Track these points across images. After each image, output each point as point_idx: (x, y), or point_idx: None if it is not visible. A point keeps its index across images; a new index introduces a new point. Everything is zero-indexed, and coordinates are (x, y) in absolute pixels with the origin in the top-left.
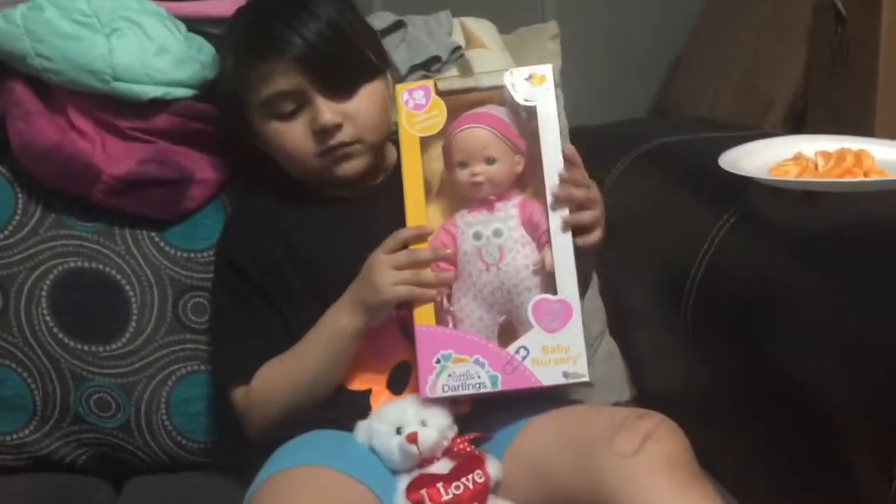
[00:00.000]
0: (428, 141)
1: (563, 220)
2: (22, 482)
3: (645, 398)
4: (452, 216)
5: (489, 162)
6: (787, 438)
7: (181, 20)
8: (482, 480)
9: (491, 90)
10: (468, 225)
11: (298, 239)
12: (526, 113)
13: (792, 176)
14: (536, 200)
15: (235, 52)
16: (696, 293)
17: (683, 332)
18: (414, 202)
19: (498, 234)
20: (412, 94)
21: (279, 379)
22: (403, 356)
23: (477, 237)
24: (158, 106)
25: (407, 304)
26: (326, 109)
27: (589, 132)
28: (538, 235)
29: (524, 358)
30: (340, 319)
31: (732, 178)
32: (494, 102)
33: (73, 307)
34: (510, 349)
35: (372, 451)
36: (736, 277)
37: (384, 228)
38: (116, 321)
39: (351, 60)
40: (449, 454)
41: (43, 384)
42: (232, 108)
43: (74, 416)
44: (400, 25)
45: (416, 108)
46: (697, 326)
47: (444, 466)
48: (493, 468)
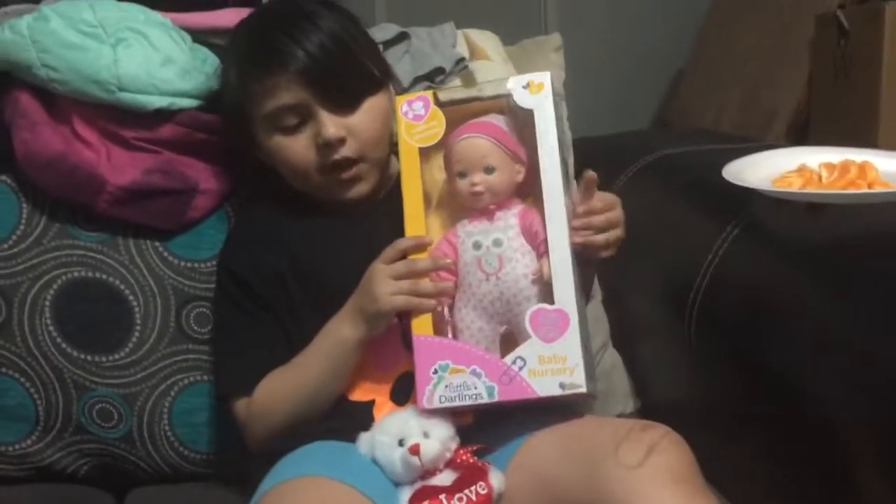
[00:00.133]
0: (429, 151)
1: (569, 236)
2: (24, 493)
3: (648, 410)
4: (454, 226)
5: (488, 171)
6: (790, 450)
7: (186, 31)
8: (485, 492)
9: (491, 100)
10: (468, 235)
11: (300, 250)
12: (525, 121)
13: (796, 187)
14: (537, 209)
15: (238, 64)
16: (699, 305)
17: (687, 343)
18: (413, 212)
19: (498, 243)
20: (411, 104)
21: (281, 390)
22: (406, 367)
23: (477, 247)
24: (163, 116)
25: (407, 314)
26: (330, 123)
27: (592, 144)
28: (537, 244)
29: (521, 368)
30: (341, 330)
31: (736, 189)
32: (495, 112)
33: (76, 317)
34: (507, 359)
35: (374, 462)
36: (740, 289)
37: (386, 240)
38: (119, 331)
39: (354, 74)
40: (452, 466)
41: (46, 394)
42: (235, 120)
43: (77, 426)
44: (404, 37)
45: (415, 118)
46: (701, 338)
47: (446, 478)
48: (496, 480)
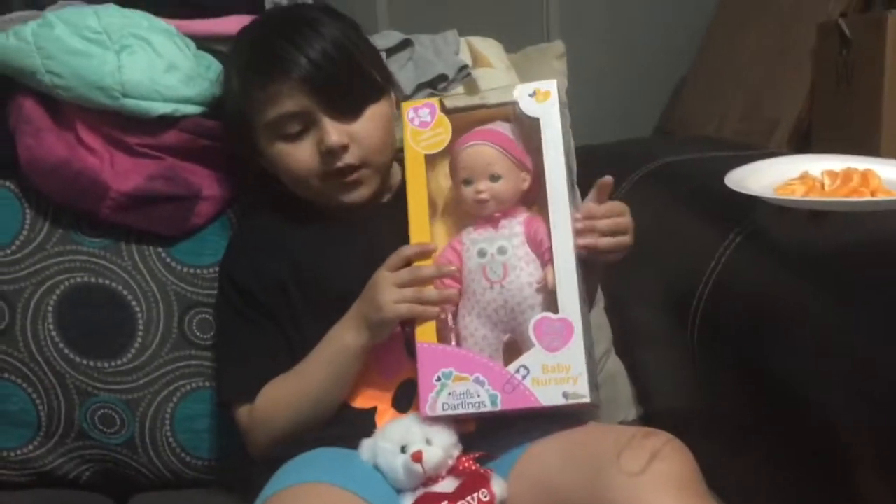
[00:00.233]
0: (435, 158)
1: (574, 242)
2: (26, 498)
3: (651, 417)
4: (458, 233)
5: (494, 179)
6: (793, 458)
7: (190, 38)
8: (487, 499)
9: (497, 107)
10: (473, 242)
11: (302, 257)
12: (531, 129)
13: (798, 195)
14: (543, 217)
15: (241, 72)
16: (702, 312)
17: (689, 350)
18: (417, 219)
19: (502, 251)
20: (418, 111)
21: (283, 397)
22: (408, 374)
23: (481, 254)
24: (167, 122)
25: (411, 321)
26: (333, 131)
27: (594, 151)
28: (542, 253)
29: (524, 377)
30: (344, 337)
31: (739, 197)
32: (501, 119)
33: (79, 323)
34: (510, 368)
35: (376, 468)
36: (742, 296)
37: (388, 246)
38: (122, 337)
39: (357, 81)
40: (454, 473)
41: (48, 400)
42: (237, 127)
43: (79, 431)
44: (407, 44)
45: (421, 125)
46: (704, 345)
47: (448, 485)
48: (498, 487)
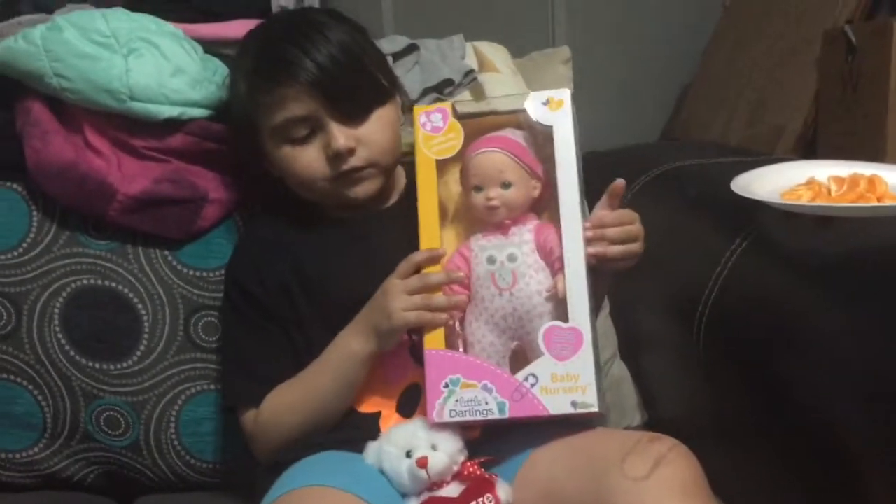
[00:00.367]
0: (445, 164)
1: (584, 250)
2: (31, 500)
3: (656, 422)
4: (467, 239)
5: (505, 186)
6: (799, 464)
7: (198, 41)
8: None
9: (509, 114)
10: (482, 249)
11: (307, 261)
12: (543, 137)
13: (805, 200)
14: (553, 225)
15: (247, 75)
16: (708, 317)
17: (695, 356)
18: (428, 225)
19: (512, 258)
20: (430, 116)
21: (289, 403)
22: (413, 379)
23: (491, 261)
24: (174, 126)
25: (419, 327)
26: (340, 134)
27: (599, 157)
28: (552, 261)
29: (533, 385)
30: (351, 344)
31: (745, 202)
32: (512, 126)
33: (85, 325)
34: (519, 376)
35: (381, 472)
36: (748, 301)
37: (393, 251)
38: (128, 339)
39: (363, 84)
40: (459, 478)
41: (54, 402)
42: (243, 130)
43: (84, 434)
44: (413, 48)
45: (433, 130)
46: (709, 351)
47: (454, 490)
48: (503, 492)
